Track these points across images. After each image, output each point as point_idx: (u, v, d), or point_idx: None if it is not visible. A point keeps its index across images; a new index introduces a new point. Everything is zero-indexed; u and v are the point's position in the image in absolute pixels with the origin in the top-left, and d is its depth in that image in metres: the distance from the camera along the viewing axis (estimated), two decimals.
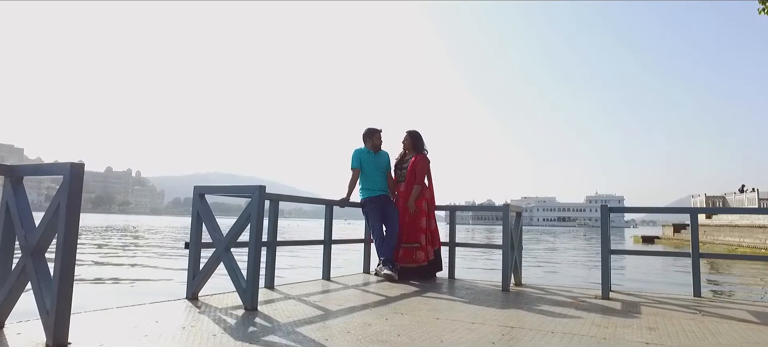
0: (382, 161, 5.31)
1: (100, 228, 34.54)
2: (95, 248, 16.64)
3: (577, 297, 4.08)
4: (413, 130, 5.41)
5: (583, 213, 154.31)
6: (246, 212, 3.16)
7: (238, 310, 3.05)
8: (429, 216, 5.18)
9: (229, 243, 3.25)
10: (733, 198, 30.04)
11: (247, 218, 3.15)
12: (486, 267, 12.80)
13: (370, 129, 5.33)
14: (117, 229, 32.73)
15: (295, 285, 4.26)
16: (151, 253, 15.31)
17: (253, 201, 3.13)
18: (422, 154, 5.26)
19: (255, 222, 3.11)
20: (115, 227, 36.44)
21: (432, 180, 5.35)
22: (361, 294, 3.95)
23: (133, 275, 10.03)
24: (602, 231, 4.21)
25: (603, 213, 4.14)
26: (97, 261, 12.51)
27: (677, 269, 13.03)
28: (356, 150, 5.28)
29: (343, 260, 11.60)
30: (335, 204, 4.99)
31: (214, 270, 3.36)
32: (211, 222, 3.33)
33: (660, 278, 11.29)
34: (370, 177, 5.21)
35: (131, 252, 15.44)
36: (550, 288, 4.64)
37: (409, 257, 5.05)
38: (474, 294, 4.11)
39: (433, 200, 5.31)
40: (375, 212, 5.10)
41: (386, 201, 5.20)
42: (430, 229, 5.17)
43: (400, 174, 5.32)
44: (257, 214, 3.11)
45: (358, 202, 5.22)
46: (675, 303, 3.87)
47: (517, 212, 5.00)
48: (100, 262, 12.25)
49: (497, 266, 12.48)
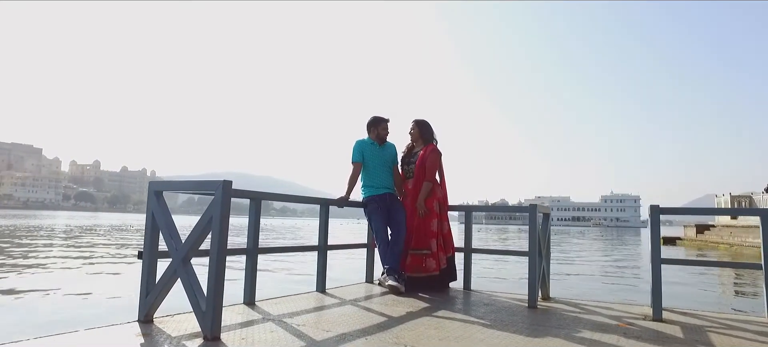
0: (387, 154, 4.62)
1: (113, 227, 34.38)
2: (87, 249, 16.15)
3: (622, 318, 3.34)
4: (420, 118, 4.71)
5: (598, 212, 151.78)
6: (207, 214, 2.49)
7: (197, 340, 2.38)
8: (441, 217, 4.47)
9: (189, 253, 2.58)
10: (760, 197, 28.76)
11: (208, 221, 2.48)
12: (503, 269, 11.98)
13: (376, 117, 4.63)
14: (118, 228, 32.49)
15: (280, 301, 3.58)
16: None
17: (216, 201, 2.45)
18: (432, 145, 4.56)
19: (218, 227, 2.44)
20: (119, 227, 36.25)
21: (444, 176, 4.64)
22: (358, 313, 3.26)
23: (97, 286, 8.12)
24: (652, 236, 3.46)
25: (652, 214, 3.39)
26: (74, 265, 10.92)
27: (704, 274, 12.07)
28: (358, 141, 4.59)
29: (347, 265, 10.81)
30: (332, 203, 4.31)
31: (172, 287, 2.70)
32: (168, 226, 2.67)
33: (691, 290, 10.18)
34: (374, 172, 4.52)
35: (119, 255, 14.21)
36: (584, 304, 3.90)
37: (418, 265, 4.35)
38: (495, 313, 3.40)
39: (446, 199, 4.60)
40: (379, 213, 4.42)
41: (392, 200, 4.50)
42: (443, 233, 4.47)
43: (408, 170, 4.63)
44: (221, 217, 2.44)
45: (360, 202, 4.54)
46: (748, 327, 3.12)
47: (545, 213, 4.27)
48: (77, 267, 10.86)
49: (515, 270, 11.63)
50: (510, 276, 10.92)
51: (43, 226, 30.57)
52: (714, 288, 10.23)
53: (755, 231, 24.27)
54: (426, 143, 4.58)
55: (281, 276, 9.75)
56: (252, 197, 3.41)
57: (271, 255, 13.11)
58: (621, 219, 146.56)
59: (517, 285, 7.98)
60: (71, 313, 5.91)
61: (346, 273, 8.34)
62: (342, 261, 11.69)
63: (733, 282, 11.14)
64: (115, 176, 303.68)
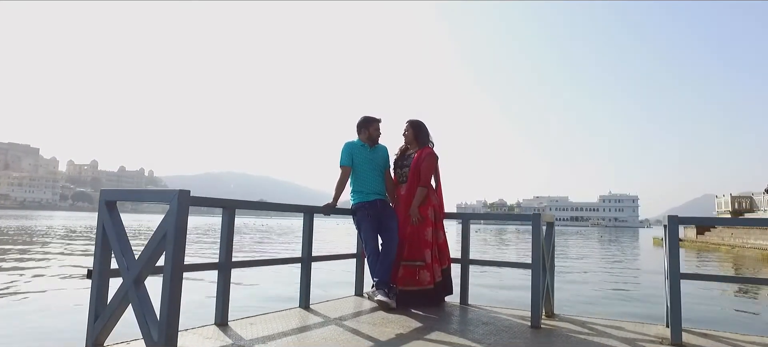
0: (379, 157, 4.27)
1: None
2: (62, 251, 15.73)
3: (637, 342, 3.00)
4: (415, 119, 4.36)
5: (597, 212, 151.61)
6: (161, 228, 2.14)
7: None
8: (436, 226, 4.12)
9: (142, 273, 2.23)
10: (761, 198, 28.49)
11: (162, 237, 2.13)
12: (503, 275, 11.58)
13: (367, 117, 4.28)
14: None
15: (257, 320, 3.22)
16: None
17: (170, 213, 2.11)
18: (428, 148, 4.22)
19: (172, 243, 2.09)
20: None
21: (440, 181, 4.29)
22: (343, 335, 2.92)
23: (43, 305, 7.04)
24: (670, 249, 3.11)
25: (670, 225, 3.05)
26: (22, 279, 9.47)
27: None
28: (347, 143, 4.24)
29: (337, 273, 9.21)
30: (317, 212, 3.95)
31: (124, 310, 2.35)
32: (121, 241, 2.32)
33: (699, 300, 9.42)
34: (364, 176, 4.17)
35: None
36: (592, 324, 3.55)
37: (410, 278, 4.00)
38: (495, 334, 3.06)
39: (442, 207, 4.25)
40: (369, 221, 4.06)
41: (383, 207, 4.15)
42: (438, 243, 4.11)
43: (401, 174, 4.27)
44: (175, 231, 2.09)
45: (348, 209, 4.19)
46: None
47: (549, 222, 3.92)
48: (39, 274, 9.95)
49: (516, 275, 11.15)
50: (510, 282, 10.50)
51: (25, 228, 29.54)
52: (728, 300, 9.65)
53: (757, 232, 23.97)
54: (421, 146, 4.23)
55: (263, 289, 8.77)
56: (225, 206, 3.05)
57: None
58: (619, 219, 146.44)
59: (519, 297, 7.45)
60: (4, 341, 5.09)
61: (335, 283, 7.81)
62: (332, 266, 10.23)
63: (750, 291, 10.54)
64: (113, 176, 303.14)
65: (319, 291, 4.58)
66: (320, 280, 5.40)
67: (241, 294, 7.26)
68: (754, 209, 29.26)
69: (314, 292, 3.88)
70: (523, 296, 6.55)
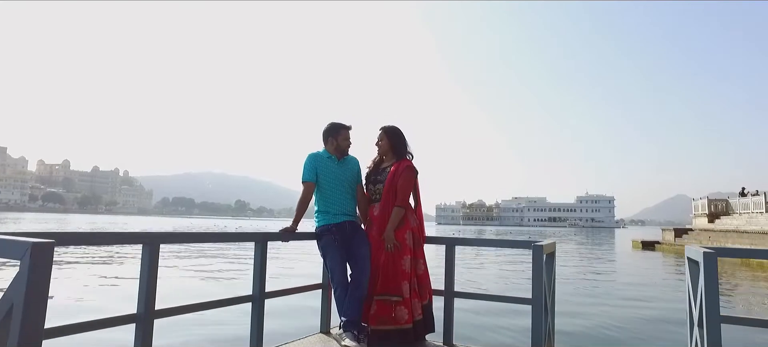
0: (348, 171, 3.61)
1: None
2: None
3: None
4: (390, 125, 3.71)
5: (574, 213, 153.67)
6: (6, 299, 1.45)
7: None
8: (415, 254, 3.48)
9: None
10: (736, 202, 28.75)
11: (8, 311, 1.44)
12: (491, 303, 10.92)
13: (335, 124, 3.63)
14: None
15: None
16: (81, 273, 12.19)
17: (20, 276, 1.42)
18: (406, 160, 3.58)
19: (19, 319, 1.40)
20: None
21: (420, 199, 3.65)
22: None
23: None
24: (707, 288, 2.51)
25: (706, 262, 2.45)
26: None
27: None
28: (311, 154, 3.58)
29: (299, 299, 8.05)
30: (273, 239, 3.27)
31: None
32: None
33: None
34: (331, 194, 3.52)
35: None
36: None
37: (385, 316, 3.35)
38: None
39: (422, 230, 3.61)
40: (335, 247, 3.41)
41: (353, 230, 3.51)
42: (417, 274, 3.48)
43: (374, 191, 3.62)
44: (26, 303, 1.40)
45: (312, 233, 3.52)
46: None
47: (550, 253, 3.31)
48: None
49: (508, 305, 10.22)
50: (500, 308, 7.51)
51: None
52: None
53: (733, 236, 24.09)
54: (398, 158, 3.59)
55: (205, 328, 6.31)
56: (144, 242, 2.35)
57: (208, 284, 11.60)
58: (596, 219, 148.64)
59: (513, 333, 6.07)
60: None
61: (297, 311, 6.18)
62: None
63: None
64: (86, 176, 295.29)
65: (275, 325, 3.91)
66: (278, 309, 4.67)
67: (178, 335, 5.73)
68: (729, 212, 29.51)
69: (271, 328, 3.22)
70: (518, 334, 5.46)
